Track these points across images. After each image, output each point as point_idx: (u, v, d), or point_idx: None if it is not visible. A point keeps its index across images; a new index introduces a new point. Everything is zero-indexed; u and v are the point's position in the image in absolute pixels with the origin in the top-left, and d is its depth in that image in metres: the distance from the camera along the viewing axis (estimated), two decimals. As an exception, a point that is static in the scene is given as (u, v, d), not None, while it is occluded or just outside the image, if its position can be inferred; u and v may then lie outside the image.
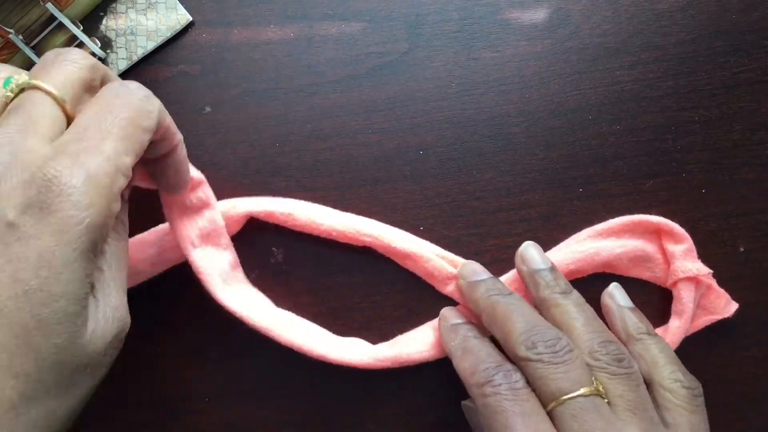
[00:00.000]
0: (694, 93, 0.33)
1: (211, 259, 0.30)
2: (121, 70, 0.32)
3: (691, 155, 0.33)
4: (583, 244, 0.31)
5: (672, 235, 0.31)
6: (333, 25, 0.33)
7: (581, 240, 0.31)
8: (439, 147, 0.32)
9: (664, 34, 0.33)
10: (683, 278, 0.30)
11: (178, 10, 0.32)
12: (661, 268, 0.31)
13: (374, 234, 0.30)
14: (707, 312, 0.31)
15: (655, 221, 0.31)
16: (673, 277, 0.30)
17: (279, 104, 0.32)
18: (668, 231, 0.31)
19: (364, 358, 0.30)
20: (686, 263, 0.30)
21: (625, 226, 0.31)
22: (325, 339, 0.30)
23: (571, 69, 0.33)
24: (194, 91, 0.32)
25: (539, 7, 0.33)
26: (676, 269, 0.30)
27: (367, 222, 0.31)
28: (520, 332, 0.26)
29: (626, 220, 0.31)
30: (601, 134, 0.33)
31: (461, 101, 0.33)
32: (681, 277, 0.30)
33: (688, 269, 0.30)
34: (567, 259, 0.31)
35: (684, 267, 0.30)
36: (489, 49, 0.33)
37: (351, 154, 0.32)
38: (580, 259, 0.31)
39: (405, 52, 0.33)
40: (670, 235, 0.31)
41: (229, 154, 0.32)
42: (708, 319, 0.31)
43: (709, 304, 0.31)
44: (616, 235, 0.31)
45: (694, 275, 0.30)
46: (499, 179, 0.32)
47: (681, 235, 0.31)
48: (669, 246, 0.31)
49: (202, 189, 0.29)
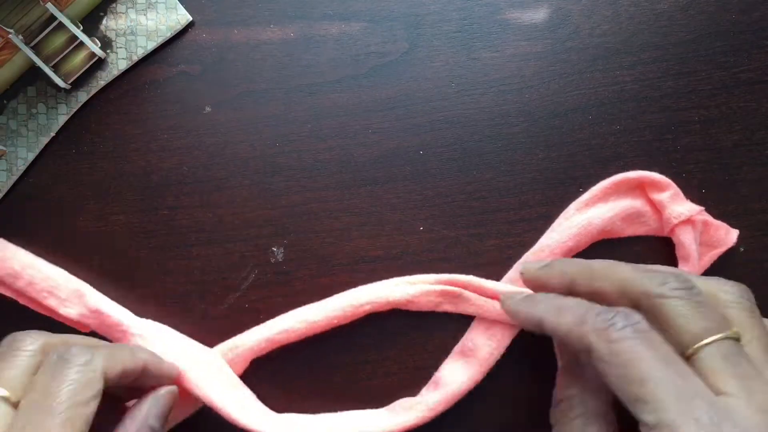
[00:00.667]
0: (694, 93, 0.33)
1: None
2: (121, 69, 0.32)
3: (691, 155, 0.33)
4: (572, 219, 0.31)
5: (655, 185, 0.31)
6: (333, 25, 0.33)
7: (570, 215, 0.31)
8: (439, 147, 0.32)
9: (664, 34, 0.33)
10: (678, 223, 0.30)
11: (178, 10, 0.32)
12: (655, 219, 0.31)
13: (371, 299, 0.30)
14: (711, 247, 0.31)
15: (635, 176, 0.31)
16: (669, 225, 0.30)
17: (279, 104, 0.32)
18: (650, 182, 0.31)
19: (418, 414, 0.29)
20: (676, 207, 0.30)
21: (609, 189, 0.31)
22: (363, 418, 0.30)
23: (571, 69, 0.33)
24: (194, 91, 0.32)
25: (539, 7, 0.33)
26: (669, 216, 0.30)
27: (356, 294, 0.30)
28: (640, 273, 0.24)
29: (608, 183, 0.31)
30: (601, 134, 0.33)
31: (461, 101, 0.33)
32: (675, 222, 0.30)
33: (680, 213, 0.30)
34: (563, 238, 0.31)
35: (675, 212, 0.30)
36: (489, 49, 0.33)
37: (351, 154, 0.32)
38: (576, 234, 0.31)
39: (405, 52, 0.33)
40: (654, 185, 0.31)
41: (229, 154, 0.32)
42: (714, 254, 0.31)
43: (711, 239, 0.31)
44: (602, 200, 0.31)
45: (687, 217, 0.30)
46: (499, 179, 0.32)
47: (664, 183, 0.31)
48: (655, 196, 0.31)
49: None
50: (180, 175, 0.32)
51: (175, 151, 0.32)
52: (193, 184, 0.32)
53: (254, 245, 0.32)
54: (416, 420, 0.29)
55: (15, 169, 0.32)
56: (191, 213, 0.32)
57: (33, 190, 0.32)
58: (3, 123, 0.32)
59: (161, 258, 0.32)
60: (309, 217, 0.32)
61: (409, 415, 0.29)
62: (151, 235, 0.32)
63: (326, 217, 0.32)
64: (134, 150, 0.32)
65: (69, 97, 0.32)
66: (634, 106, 0.33)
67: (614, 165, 0.32)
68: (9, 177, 0.32)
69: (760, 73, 0.33)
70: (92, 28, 0.33)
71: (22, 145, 0.32)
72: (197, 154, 0.32)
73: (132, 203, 0.32)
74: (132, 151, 0.32)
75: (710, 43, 0.33)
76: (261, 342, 0.30)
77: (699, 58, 0.33)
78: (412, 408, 0.29)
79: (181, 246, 0.32)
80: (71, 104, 0.32)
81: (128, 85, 0.33)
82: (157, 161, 0.32)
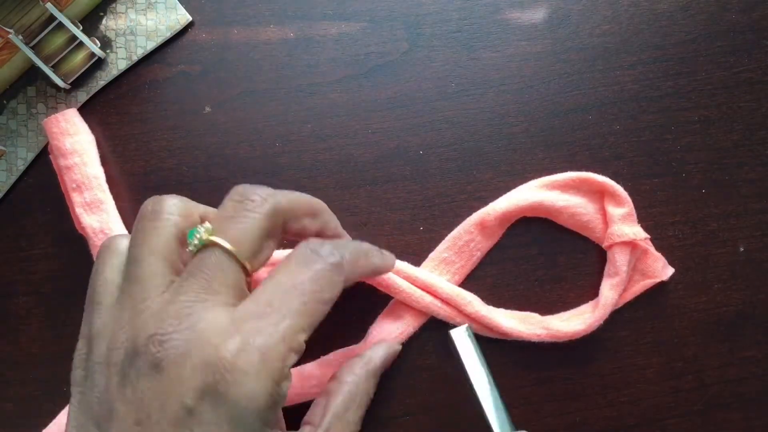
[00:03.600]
0: (694, 93, 0.33)
1: None
2: (121, 69, 0.32)
3: (691, 155, 0.33)
4: (528, 193, 0.31)
5: (614, 197, 0.31)
6: (333, 25, 0.33)
7: (528, 189, 0.32)
8: (439, 147, 0.32)
9: (664, 34, 0.33)
10: (619, 242, 0.30)
11: (177, 10, 0.32)
12: (600, 229, 0.31)
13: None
14: (644, 276, 0.31)
15: (600, 180, 0.31)
16: (609, 241, 0.30)
17: (279, 104, 0.32)
18: (611, 192, 0.31)
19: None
20: (623, 227, 0.30)
21: (572, 182, 0.31)
22: None
23: (571, 69, 0.33)
24: (194, 91, 0.32)
25: (539, 7, 0.33)
26: (613, 233, 0.30)
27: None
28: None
29: (573, 176, 0.31)
30: (601, 134, 0.33)
31: (461, 101, 0.33)
32: (616, 241, 0.30)
33: (625, 233, 0.30)
34: (510, 206, 0.31)
35: (620, 231, 0.30)
36: (489, 49, 0.33)
37: (351, 154, 0.32)
38: (524, 207, 0.31)
39: (405, 52, 0.33)
40: (612, 197, 0.31)
41: (229, 154, 0.32)
42: (645, 284, 0.31)
43: (646, 268, 0.31)
44: (561, 189, 0.31)
45: (630, 240, 0.30)
46: (499, 179, 0.32)
47: (623, 198, 0.31)
48: (609, 208, 0.31)
49: None
50: (180, 175, 0.32)
51: (175, 151, 0.32)
52: (193, 184, 0.32)
53: (254, 245, 0.32)
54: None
55: (15, 169, 0.32)
56: (191, 213, 0.32)
57: (33, 190, 0.32)
58: (3, 123, 0.32)
59: (161, 258, 0.32)
60: (309, 217, 0.32)
61: None
62: (151, 235, 0.32)
63: (326, 217, 0.32)
64: (134, 150, 0.32)
65: (69, 97, 0.32)
66: (634, 106, 0.33)
67: (614, 165, 0.32)
68: (9, 177, 0.32)
69: (760, 73, 0.33)
70: (92, 28, 0.33)
71: (22, 145, 0.32)
72: (197, 154, 0.32)
73: (132, 203, 0.32)
74: (132, 151, 0.32)
75: (710, 43, 0.33)
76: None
77: (699, 58, 0.33)
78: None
79: (181, 246, 0.32)
80: (71, 104, 0.32)
81: (128, 85, 0.33)
82: (157, 161, 0.32)
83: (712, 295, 0.32)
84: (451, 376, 0.31)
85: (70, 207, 0.31)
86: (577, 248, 0.32)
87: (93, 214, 0.30)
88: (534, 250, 0.32)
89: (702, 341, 0.32)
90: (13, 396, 0.31)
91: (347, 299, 0.31)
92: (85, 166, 0.31)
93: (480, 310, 0.30)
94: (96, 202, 0.30)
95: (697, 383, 0.31)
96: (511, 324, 0.30)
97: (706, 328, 0.32)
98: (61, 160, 0.31)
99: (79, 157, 0.31)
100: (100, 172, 0.31)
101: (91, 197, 0.30)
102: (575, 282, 0.32)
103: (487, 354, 0.32)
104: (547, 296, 0.32)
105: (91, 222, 0.30)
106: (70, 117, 0.31)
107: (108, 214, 0.30)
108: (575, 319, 0.30)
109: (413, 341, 0.31)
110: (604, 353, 0.31)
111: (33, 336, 0.31)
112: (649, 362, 0.31)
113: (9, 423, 0.31)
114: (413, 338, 0.31)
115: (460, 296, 0.30)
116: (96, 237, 0.30)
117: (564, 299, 0.32)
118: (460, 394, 0.31)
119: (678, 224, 0.32)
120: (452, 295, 0.30)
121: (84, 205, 0.30)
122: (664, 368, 0.31)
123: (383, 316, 0.31)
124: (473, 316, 0.30)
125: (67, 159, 0.30)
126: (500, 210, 0.31)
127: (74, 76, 0.32)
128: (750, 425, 0.32)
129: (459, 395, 0.31)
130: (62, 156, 0.31)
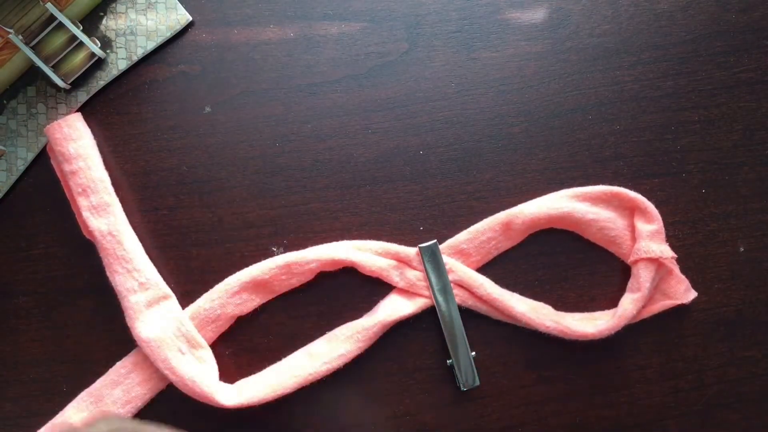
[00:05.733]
0: (694, 93, 0.33)
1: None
2: (121, 69, 0.32)
3: (691, 155, 0.33)
4: (558, 201, 0.31)
5: (644, 214, 0.31)
6: (333, 25, 0.33)
7: (558, 198, 0.31)
8: (439, 147, 0.32)
9: (664, 34, 0.33)
10: (644, 258, 0.30)
11: (177, 10, 0.32)
12: (627, 245, 0.31)
13: (318, 257, 0.31)
14: (666, 297, 0.31)
15: (632, 196, 0.31)
16: (635, 256, 0.30)
17: (279, 104, 0.32)
18: (642, 208, 0.31)
19: None
20: (651, 244, 0.30)
21: (603, 195, 0.31)
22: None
23: (571, 69, 0.33)
24: (194, 91, 0.32)
25: (539, 7, 0.33)
26: (640, 248, 0.30)
27: (303, 253, 0.31)
28: None
29: (605, 189, 0.31)
30: (601, 134, 0.33)
31: (461, 101, 0.33)
32: (642, 257, 0.30)
33: (652, 250, 0.30)
34: (540, 212, 0.31)
35: (648, 248, 0.30)
36: (489, 49, 0.33)
37: (351, 154, 0.32)
38: (553, 216, 0.31)
39: (405, 52, 0.33)
40: (643, 213, 0.31)
41: (229, 154, 0.32)
42: (666, 304, 0.31)
43: (669, 289, 0.31)
44: (592, 201, 0.31)
45: (656, 257, 0.30)
46: (499, 179, 0.32)
47: (653, 215, 0.31)
48: (639, 224, 0.31)
49: None
50: (180, 175, 0.32)
51: (175, 151, 0.32)
52: (192, 184, 0.32)
53: (254, 245, 0.32)
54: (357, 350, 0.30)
55: (15, 169, 0.32)
56: (191, 213, 0.32)
57: (33, 190, 0.32)
58: (3, 123, 0.32)
59: (161, 258, 0.32)
60: (309, 217, 0.32)
61: (349, 345, 0.30)
62: (151, 234, 0.32)
63: (326, 217, 0.32)
64: (134, 150, 0.32)
65: (69, 97, 0.32)
66: (634, 106, 0.33)
67: (614, 165, 0.32)
68: (9, 177, 0.32)
69: (760, 73, 0.33)
70: (92, 28, 0.33)
71: (22, 145, 0.32)
72: (197, 154, 0.32)
73: (132, 203, 0.32)
74: (132, 151, 0.32)
75: (710, 43, 0.33)
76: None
77: (699, 58, 0.33)
78: (351, 337, 0.30)
79: (181, 246, 0.32)
80: (71, 104, 0.32)
81: (128, 85, 0.33)
82: (157, 161, 0.32)
83: (712, 295, 0.32)
84: (451, 376, 0.31)
85: (76, 212, 0.31)
86: (577, 249, 0.32)
87: (100, 217, 0.30)
88: (534, 250, 0.32)
89: (702, 341, 0.32)
90: (13, 396, 0.31)
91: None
92: (90, 170, 0.31)
93: (492, 292, 0.30)
94: (103, 204, 0.30)
95: (697, 383, 0.31)
96: (523, 309, 0.30)
97: (706, 328, 0.32)
98: (66, 165, 0.30)
99: (84, 161, 0.30)
100: (105, 175, 0.31)
101: (97, 200, 0.30)
102: (575, 282, 0.32)
103: (487, 352, 0.32)
104: (548, 296, 0.32)
105: (99, 225, 0.30)
106: (73, 122, 0.31)
107: (115, 216, 0.31)
108: (588, 322, 0.30)
109: (413, 341, 0.31)
110: (604, 353, 0.31)
111: (33, 336, 0.31)
112: (649, 362, 0.31)
113: (9, 423, 0.31)
114: (413, 338, 0.31)
115: (472, 278, 0.30)
116: (104, 240, 0.30)
117: (564, 299, 0.32)
118: (460, 393, 0.31)
119: (678, 224, 0.32)
120: (464, 277, 0.30)
121: (91, 209, 0.30)
122: (664, 368, 0.31)
123: (396, 292, 0.31)
124: (485, 298, 0.30)
125: (72, 164, 0.30)
126: (529, 215, 0.31)
127: (74, 76, 0.32)
128: (750, 425, 0.32)
129: (459, 395, 0.31)
130: (66, 161, 0.30)
